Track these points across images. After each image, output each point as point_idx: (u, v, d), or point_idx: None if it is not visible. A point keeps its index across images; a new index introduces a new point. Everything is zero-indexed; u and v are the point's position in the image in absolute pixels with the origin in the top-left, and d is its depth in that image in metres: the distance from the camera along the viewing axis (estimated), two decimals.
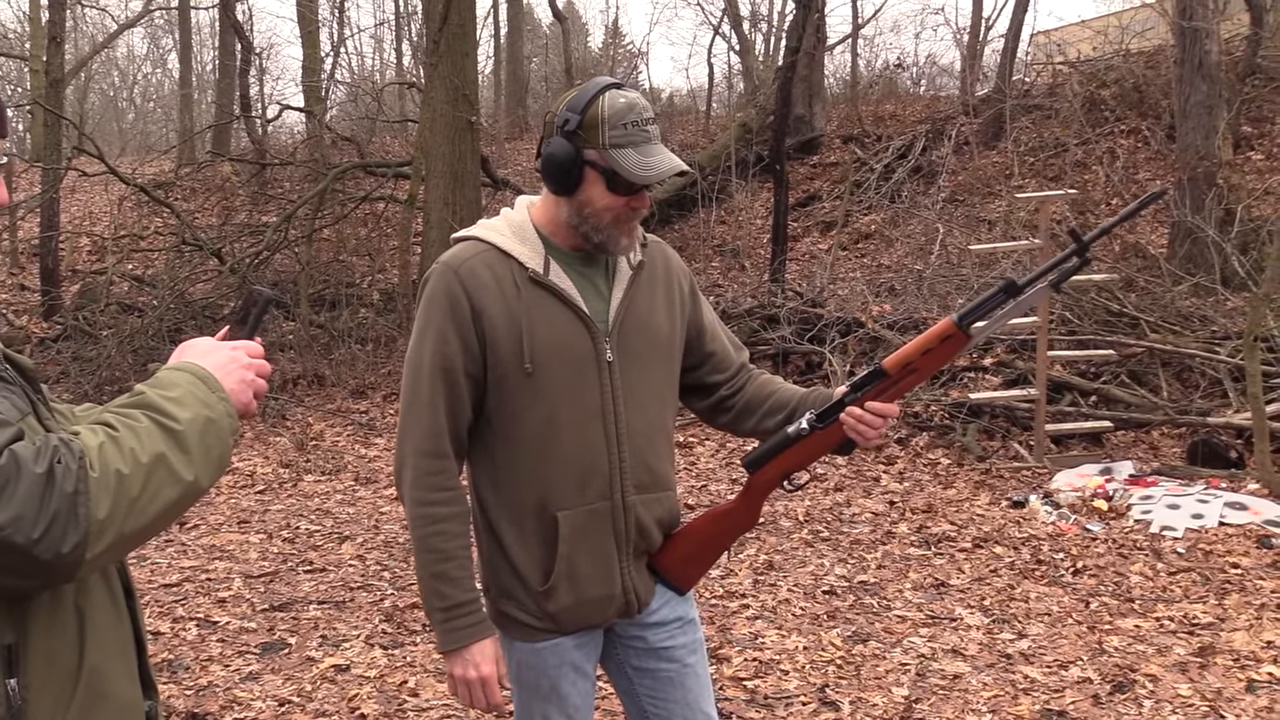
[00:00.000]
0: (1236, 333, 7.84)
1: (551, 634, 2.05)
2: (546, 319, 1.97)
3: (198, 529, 6.13)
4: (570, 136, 1.93)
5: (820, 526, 5.93)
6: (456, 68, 10.35)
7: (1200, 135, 10.24)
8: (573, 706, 2.09)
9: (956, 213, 12.53)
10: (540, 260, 2.00)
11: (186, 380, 1.36)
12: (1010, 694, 3.85)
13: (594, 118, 1.92)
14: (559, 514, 1.99)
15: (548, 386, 1.97)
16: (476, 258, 1.99)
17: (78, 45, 26.07)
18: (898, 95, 19.18)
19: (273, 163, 14.90)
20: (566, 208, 1.99)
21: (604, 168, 1.93)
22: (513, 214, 2.08)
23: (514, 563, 2.02)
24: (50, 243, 12.77)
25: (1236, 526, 5.60)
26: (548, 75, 26.26)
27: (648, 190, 1.98)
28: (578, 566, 2.01)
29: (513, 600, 2.04)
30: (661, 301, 2.11)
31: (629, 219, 1.99)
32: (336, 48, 23.71)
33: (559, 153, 1.94)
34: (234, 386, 1.42)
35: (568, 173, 1.94)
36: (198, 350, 1.45)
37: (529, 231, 2.03)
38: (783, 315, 9.14)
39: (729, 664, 4.13)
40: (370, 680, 4.05)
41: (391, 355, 10.36)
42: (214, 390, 1.38)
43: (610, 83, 1.97)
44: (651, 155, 1.93)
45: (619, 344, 2.02)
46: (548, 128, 1.98)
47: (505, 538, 2.03)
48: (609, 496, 2.02)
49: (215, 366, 1.42)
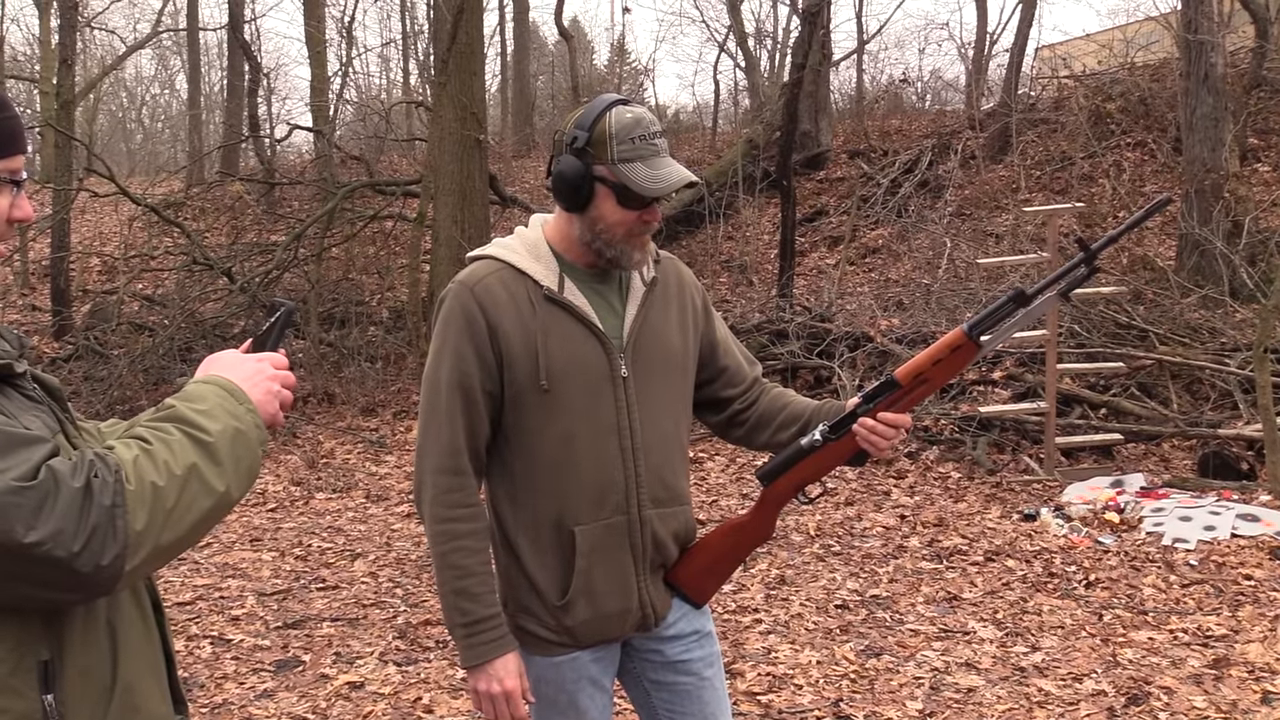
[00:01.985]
0: (1246, 344, 7.84)
1: (569, 648, 2.05)
2: (562, 336, 1.99)
3: (210, 547, 6.15)
4: (579, 153, 1.95)
5: (831, 541, 5.93)
6: (464, 86, 10.41)
7: (1207, 148, 10.24)
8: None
9: (963, 227, 12.54)
10: (555, 278, 2.01)
11: (214, 393, 1.39)
12: (1025, 707, 3.85)
13: (602, 133, 1.93)
14: (576, 529, 2.00)
15: (564, 403, 1.99)
16: (492, 276, 2.00)
17: (87, 67, 26.22)
18: (903, 110, 19.22)
19: (282, 182, 14.97)
20: (579, 224, 2.00)
21: (614, 183, 1.94)
22: (527, 232, 2.09)
23: (531, 578, 2.03)
24: (61, 263, 12.85)
25: (1249, 538, 5.59)
26: (554, 93, 26.36)
27: (659, 204, 2.00)
28: (595, 581, 2.02)
29: (530, 615, 2.05)
30: (675, 317, 2.13)
31: (641, 233, 2.00)
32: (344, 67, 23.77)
33: (568, 170, 1.96)
34: (260, 398, 1.44)
35: (578, 189, 1.96)
36: (224, 363, 1.48)
37: (543, 249, 2.04)
38: (791, 330, 9.15)
39: (743, 679, 4.13)
40: (385, 697, 4.05)
41: (401, 373, 10.39)
42: (241, 402, 1.40)
43: (617, 99, 1.98)
44: (660, 168, 1.95)
45: (634, 360, 2.04)
46: (556, 146, 2.00)
47: (523, 553, 2.04)
48: (625, 511, 2.03)
49: (242, 379, 1.44)
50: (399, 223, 12.80)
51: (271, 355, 1.51)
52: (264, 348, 1.58)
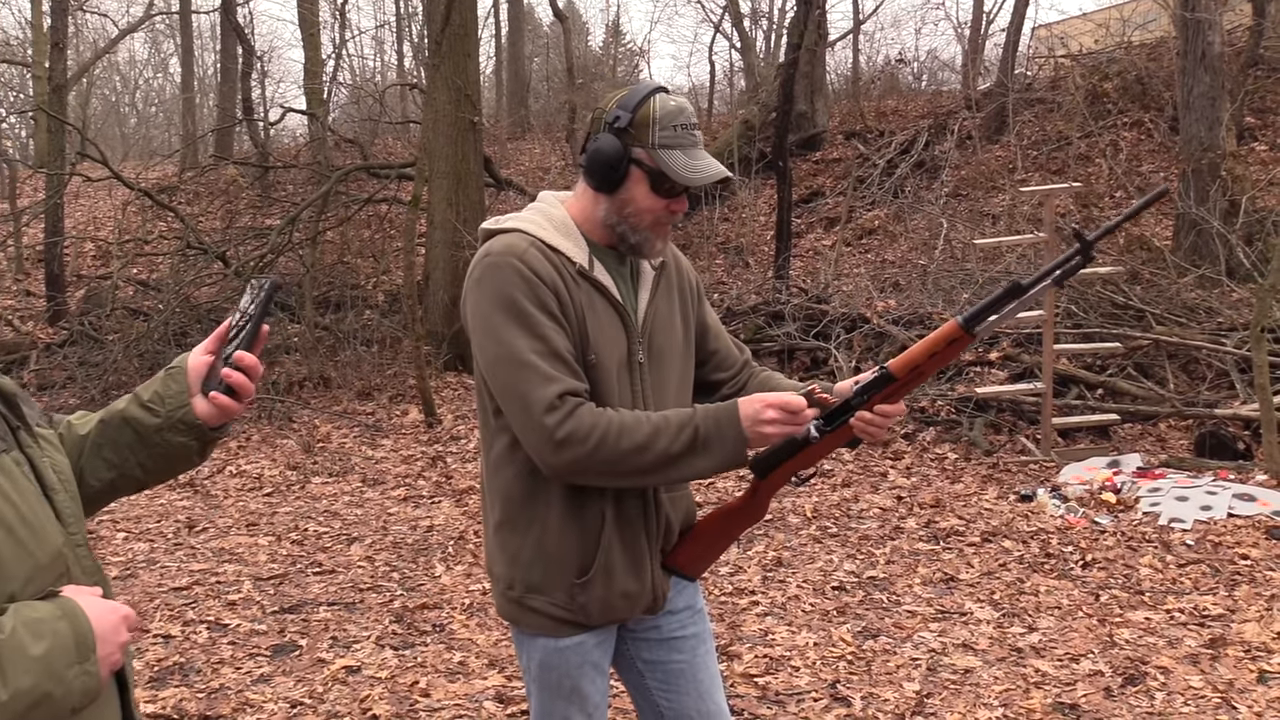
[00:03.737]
0: (1242, 324, 7.84)
1: (579, 628, 2.04)
2: (596, 314, 1.96)
3: (206, 532, 6.14)
4: (620, 134, 1.93)
5: (828, 522, 5.93)
6: (458, 68, 10.36)
7: (1204, 127, 10.22)
8: (593, 705, 2.10)
9: (960, 207, 12.53)
10: (585, 256, 1.98)
11: (61, 638, 1.26)
12: (1022, 688, 3.85)
13: (645, 117, 1.92)
14: (604, 508, 1.99)
15: (601, 381, 1.96)
16: (531, 248, 1.94)
17: (79, 51, 26.09)
18: (899, 91, 19.18)
19: (276, 165, 14.91)
20: (606, 205, 1.98)
21: (650, 167, 1.93)
22: (548, 209, 2.03)
23: (550, 552, 2.00)
24: (55, 248, 12.80)
25: (1245, 518, 5.60)
26: (549, 75, 26.27)
27: (686, 195, 1.99)
28: (615, 561, 2.01)
29: (540, 594, 2.02)
30: (678, 303, 2.13)
31: (666, 222, 2.00)
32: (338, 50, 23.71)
33: (607, 148, 1.94)
34: (107, 653, 1.31)
35: (614, 169, 1.94)
36: (95, 608, 1.32)
37: (571, 227, 2.00)
38: (787, 312, 9.14)
39: (740, 661, 4.13)
40: (382, 681, 4.05)
41: (397, 357, 10.38)
42: (81, 660, 1.27)
43: (660, 86, 1.98)
44: (698, 159, 1.95)
45: (649, 345, 2.04)
46: (594, 123, 1.98)
47: (547, 525, 1.99)
48: (642, 495, 2.04)
49: (102, 633, 1.30)
50: (394, 206, 12.77)
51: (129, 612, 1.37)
52: (249, 324, 1.56)
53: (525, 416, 1.87)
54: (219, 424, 1.60)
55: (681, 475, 1.91)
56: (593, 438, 1.84)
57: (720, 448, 1.89)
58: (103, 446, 1.58)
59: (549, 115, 22.01)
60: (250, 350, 1.58)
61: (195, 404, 1.57)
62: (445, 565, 5.42)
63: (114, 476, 1.59)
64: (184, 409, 1.57)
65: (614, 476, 1.91)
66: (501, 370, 1.89)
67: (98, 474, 1.58)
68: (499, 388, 1.91)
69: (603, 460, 1.86)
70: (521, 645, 2.09)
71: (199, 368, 1.59)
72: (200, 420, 1.57)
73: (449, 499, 6.72)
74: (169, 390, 1.58)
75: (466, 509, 6.45)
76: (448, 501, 6.66)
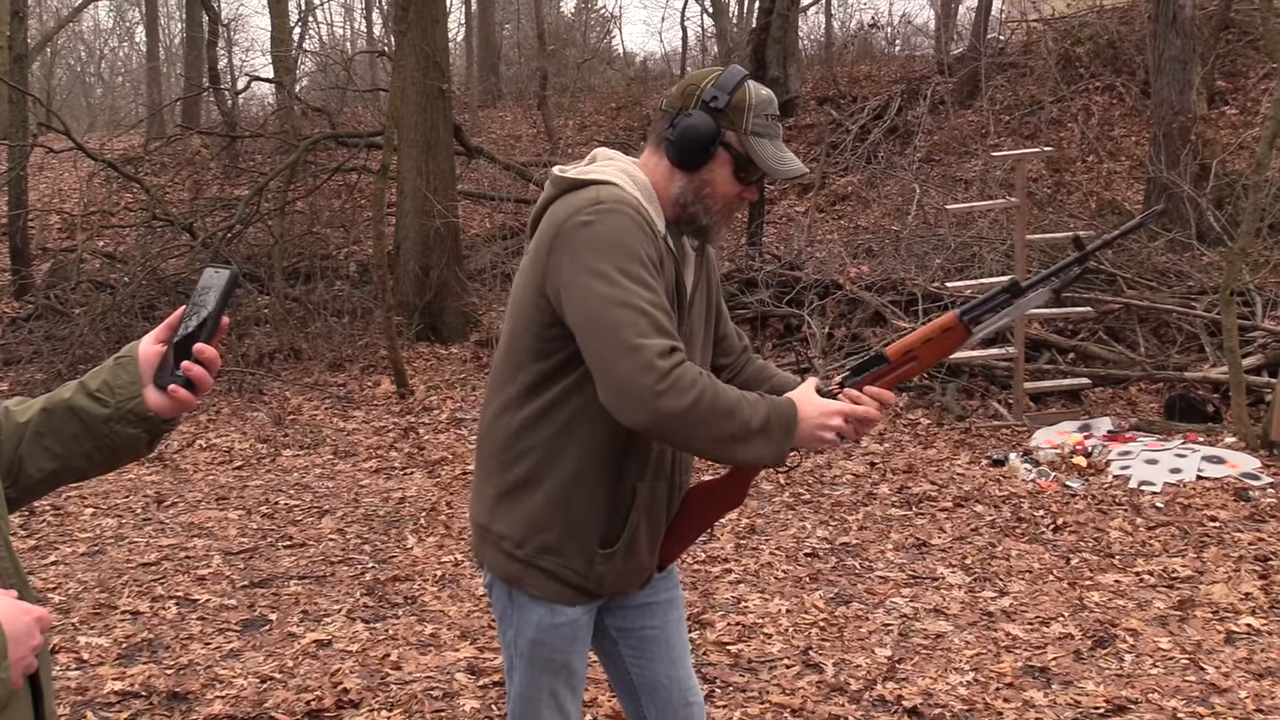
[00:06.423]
0: (1213, 288, 7.87)
1: (585, 596, 2.02)
2: (669, 284, 1.95)
3: (175, 506, 6.08)
4: (715, 114, 1.92)
5: (802, 489, 5.93)
6: (426, 35, 10.24)
7: (1175, 91, 10.23)
8: (578, 679, 2.11)
9: (933, 173, 12.52)
10: (663, 224, 1.96)
11: None
12: (993, 652, 3.87)
13: (741, 101, 1.91)
14: (636, 484, 1.99)
15: None
16: (634, 201, 1.90)
17: (42, 20, 25.66)
18: (873, 55, 19.10)
19: (243, 135, 14.72)
20: (682, 183, 1.95)
21: (739, 153, 1.93)
22: (631, 170, 1.97)
23: (576, 518, 1.96)
24: (19, 221, 12.58)
25: (1214, 480, 5.64)
26: (520, 41, 26.03)
27: (756, 185, 1.99)
28: (639, 537, 2.02)
29: (555, 556, 1.98)
30: (707, 286, 2.13)
31: (735, 209, 2.01)
32: (305, 17, 23.42)
33: (701, 125, 1.91)
34: (19, 656, 1.24)
35: (704, 148, 1.92)
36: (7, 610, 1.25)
37: (654, 194, 1.97)
38: (761, 279, 9.11)
39: (712, 629, 4.13)
40: (352, 654, 4.03)
41: (368, 327, 10.29)
42: None
43: (748, 73, 1.97)
44: (784, 152, 1.96)
45: (689, 325, 2.04)
46: (687, 99, 1.94)
47: (581, 484, 1.95)
48: (668, 477, 2.05)
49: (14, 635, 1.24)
50: (363, 175, 12.63)
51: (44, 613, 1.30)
52: (210, 318, 1.52)
53: (632, 360, 1.77)
54: (171, 416, 1.55)
55: (744, 454, 1.85)
56: (693, 391, 1.77)
57: (782, 437, 1.86)
58: (45, 436, 1.52)
59: (520, 82, 21.84)
60: (209, 343, 1.53)
61: (147, 395, 1.52)
62: (417, 537, 5.39)
63: (56, 467, 1.53)
64: (135, 400, 1.51)
65: (693, 437, 1.82)
66: (611, 313, 1.79)
67: (39, 464, 1.52)
68: (603, 327, 1.79)
69: (696, 417, 1.78)
70: (510, 618, 2.04)
71: (150, 357, 1.53)
72: (152, 412, 1.52)
73: (421, 470, 6.68)
74: (119, 380, 1.52)
75: (439, 480, 6.42)
76: (420, 473, 6.63)
